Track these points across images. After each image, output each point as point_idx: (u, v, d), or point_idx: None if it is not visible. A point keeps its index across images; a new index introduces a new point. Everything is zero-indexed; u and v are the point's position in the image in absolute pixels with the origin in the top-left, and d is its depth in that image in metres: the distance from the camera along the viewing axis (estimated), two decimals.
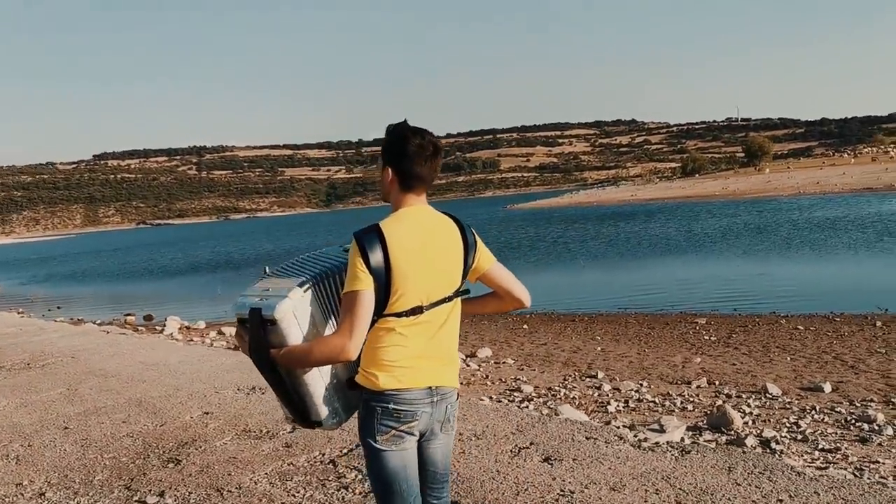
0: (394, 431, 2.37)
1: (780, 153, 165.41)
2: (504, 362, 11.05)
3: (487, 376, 10.10)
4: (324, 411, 2.41)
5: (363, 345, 2.33)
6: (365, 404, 2.39)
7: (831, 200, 48.04)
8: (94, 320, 18.41)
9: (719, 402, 7.85)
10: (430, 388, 2.40)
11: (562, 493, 3.99)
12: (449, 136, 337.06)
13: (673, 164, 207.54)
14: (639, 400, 8.41)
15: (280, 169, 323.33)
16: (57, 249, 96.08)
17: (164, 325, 16.00)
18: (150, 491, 4.59)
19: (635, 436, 4.97)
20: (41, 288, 36.85)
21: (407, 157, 2.38)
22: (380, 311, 2.32)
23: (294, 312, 2.30)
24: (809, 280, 18.45)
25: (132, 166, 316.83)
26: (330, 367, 2.41)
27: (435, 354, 2.41)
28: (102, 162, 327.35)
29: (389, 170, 2.42)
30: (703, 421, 7.05)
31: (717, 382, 9.02)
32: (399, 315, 2.33)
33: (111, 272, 44.86)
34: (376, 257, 2.28)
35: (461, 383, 9.86)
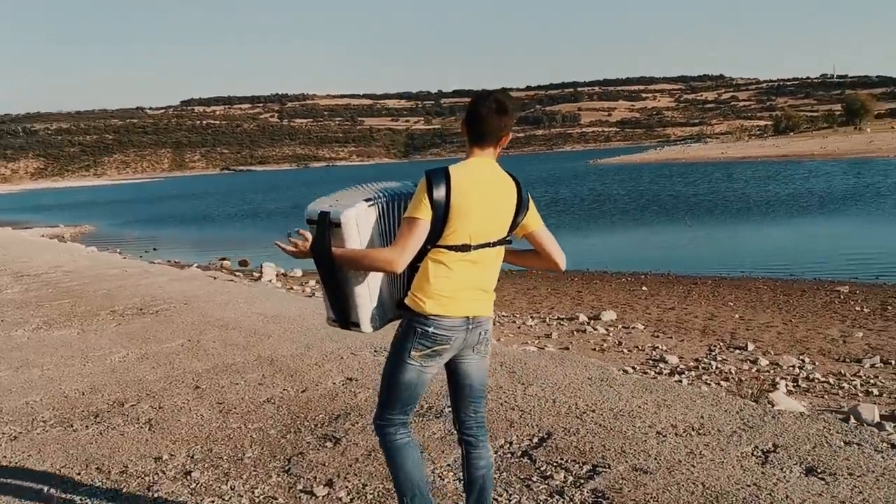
0: (427, 350, 2.68)
1: (878, 112, 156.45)
2: (633, 327, 10.17)
3: (620, 343, 9.28)
4: (363, 314, 2.74)
5: (417, 273, 2.69)
6: (408, 322, 2.70)
7: None
8: (193, 264, 18.18)
9: None
10: (467, 317, 2.70)
11: None
12: (528, 88, 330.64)
13: (762, 122, 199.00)
14: (808, 379, 7.43)
15: (359, 119, 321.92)
16: (146, 192, 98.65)
17: (262, 272, 15.50)
18: (314, 479, 3.80)
19: None
20: (134, 229, 37.40)
21: (476, 117, 2.72)
22: (434, 241, 2.64)
23: (357, 220, 2.67)
24: None
25: (217, 113, 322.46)
26: (373, 278, 2.72)
27: (476, 289, 2.71)
28: (189, 108, 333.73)
29: (465, 127, 2.77)
30: None
31: (893, 362, 7.96)
32: (449, 248, 2.65)
33: (200, 216, 45.32)
34: (440, 193, 2.60)
35: (593, 349, 9.04)
